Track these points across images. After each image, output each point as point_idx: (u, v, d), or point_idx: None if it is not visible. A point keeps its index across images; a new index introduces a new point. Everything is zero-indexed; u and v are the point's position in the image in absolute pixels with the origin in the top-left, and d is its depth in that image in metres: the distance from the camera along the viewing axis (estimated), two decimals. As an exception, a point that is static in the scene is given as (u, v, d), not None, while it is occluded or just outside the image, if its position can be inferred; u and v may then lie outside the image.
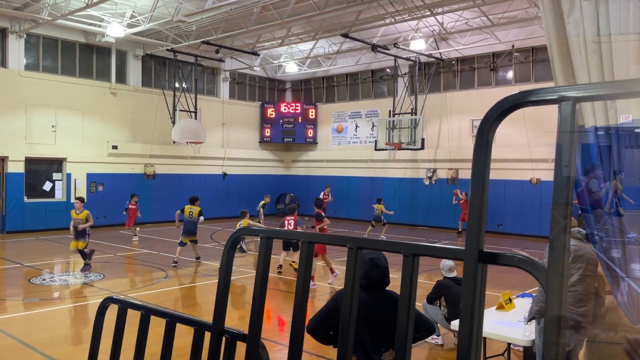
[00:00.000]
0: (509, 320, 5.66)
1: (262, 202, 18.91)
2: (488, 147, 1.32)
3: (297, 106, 26.19)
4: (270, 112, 26.14)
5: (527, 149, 18.30)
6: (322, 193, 21.85)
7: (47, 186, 19.03)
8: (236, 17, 17.67)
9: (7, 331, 7.66)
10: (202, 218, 13.14)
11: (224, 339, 2.12)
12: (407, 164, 22.54)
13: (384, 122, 21.98)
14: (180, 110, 21.16)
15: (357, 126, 24.75)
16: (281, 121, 26.07)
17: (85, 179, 19.76)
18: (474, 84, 21.13)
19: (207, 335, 2.17)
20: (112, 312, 2.54)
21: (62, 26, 18.45)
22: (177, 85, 21.68)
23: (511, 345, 6.04)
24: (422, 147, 20.86)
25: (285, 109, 26.16)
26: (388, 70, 23.48)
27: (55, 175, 19.34)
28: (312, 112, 26.20)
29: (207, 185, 23.42)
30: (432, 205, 21.70)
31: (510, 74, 20.14)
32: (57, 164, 19.37)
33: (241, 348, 2.04)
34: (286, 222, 11.28)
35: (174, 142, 20.82)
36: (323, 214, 11.88)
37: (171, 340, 2.31)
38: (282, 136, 26.19)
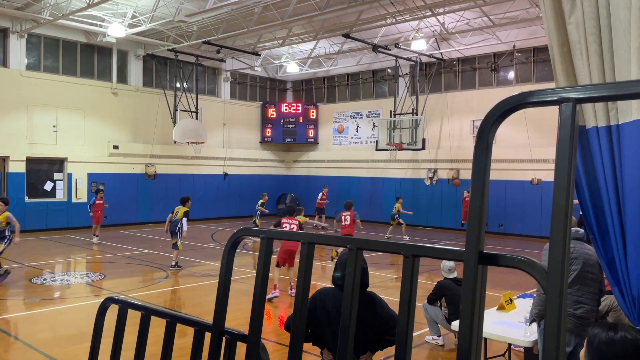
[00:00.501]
0: (509, 321, 5.65)
1: (260, 201, 18.48)
2: (488, 148, 1.32)
3: (298, 106, 26.19)
4: (271, 112, 26.14)
5: (528, 150, 18.28)
6: (321, 194, 21.86)
7: (48, 186, 19.05)
8: (237, 17, 17.67)
9: (8, 331, 7.67)
10: (184, 220, 12.11)
11: (224, 339, 2.12)
12: (408, 164, 22.54)
13: (384, 123, 21.98)
14: (181, 110, 21.17)
15: (358, 126, 24.74)
16: (282, 121, 26.07)
17: (86, 179, 19.78)
18: (475, 84, 21.12)
19: (208, 335, 2.17)
20: (112, 312, 2.54)
21: (63, 26, 18.47)
22: (178, 85, 21.69)
23: (512, 346, 6.04)
24: (423, 148, 20.85)
25: (286, 109, 26.15)
26: (389, 70, 23.47)
27: (57, 175, 19.35)
28: (313, 112, 26.20)
29: (208, 185, 23.44)
30: (433, 206, 21.70)
31: (511, 75, 20.13)
32: (58, 163, 19.38)
33: (241, 348, 2.04)
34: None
35: (175, 142, 20.84)
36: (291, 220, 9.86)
37: (171, 341, 2.32)
38: (283, 136, 26.19)
